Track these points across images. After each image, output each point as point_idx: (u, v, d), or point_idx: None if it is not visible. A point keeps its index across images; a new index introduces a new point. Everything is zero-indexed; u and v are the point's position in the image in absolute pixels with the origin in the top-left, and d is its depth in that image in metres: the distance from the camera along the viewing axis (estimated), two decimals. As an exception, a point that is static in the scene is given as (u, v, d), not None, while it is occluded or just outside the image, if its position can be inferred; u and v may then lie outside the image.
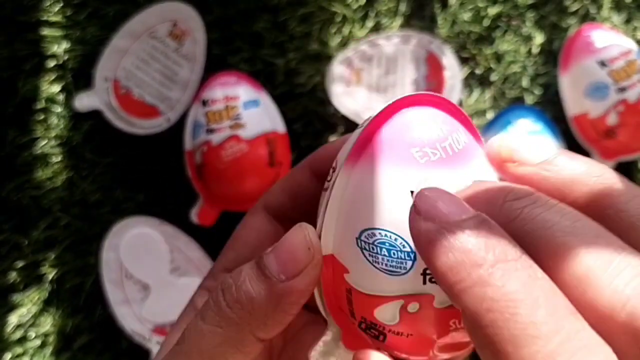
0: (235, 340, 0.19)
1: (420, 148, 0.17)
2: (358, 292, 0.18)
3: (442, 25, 0.53)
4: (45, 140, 0.53)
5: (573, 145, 0.51)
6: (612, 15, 0.53)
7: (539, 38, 0.53)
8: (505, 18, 0.54)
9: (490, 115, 0.53)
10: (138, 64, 0.52)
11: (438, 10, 0.53)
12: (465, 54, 0.53)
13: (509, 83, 0.53)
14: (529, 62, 0.53)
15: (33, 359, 0.52)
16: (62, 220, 0.52)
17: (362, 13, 0.53)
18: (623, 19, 0.54)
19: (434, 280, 0.17)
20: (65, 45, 0.53)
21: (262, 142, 0.49)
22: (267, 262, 0.19)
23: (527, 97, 0.53)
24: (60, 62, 0.53)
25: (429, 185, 0.16)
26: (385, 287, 0.18)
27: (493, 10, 0.53)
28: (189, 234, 0.51)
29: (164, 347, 0.22)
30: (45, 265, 0.52)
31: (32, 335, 0.52)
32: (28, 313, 0.52)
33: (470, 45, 0.53)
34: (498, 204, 0.15)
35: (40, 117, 0.53)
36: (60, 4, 0.53)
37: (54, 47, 0.53)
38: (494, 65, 0.53)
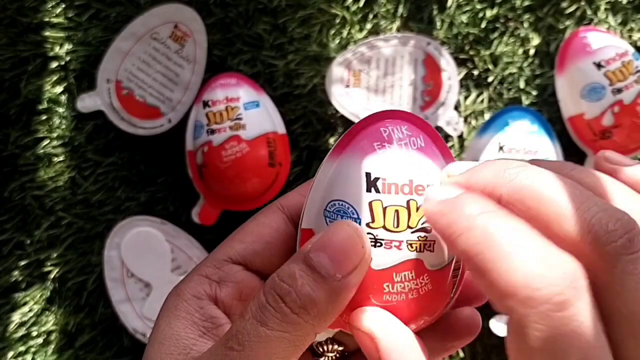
0: (299, 341, 0.20)
1: (381, 142, 0.22)
2: None
3: (439, 27, 0.54)
4: (48, 141, 0.53)
5: (569, 146, 0.51)
6: (608, 17, 0.54)
7: (536, 40, 0.54)
8: (503, 20, 0.54)
9: (488, 116, 0.53)
10: (140, 66, 0.52)
11: (436, 12, 0.54)
12: (463, 56, 0.54)
13: (506, 84, 0.54)
14: (526, 63, 0.54)
15: (35, 357, 0.52)
16: (64, 220, 0.53)
17: (361, 15, 0.54)
18: (619, 21, 0.54)
19: (372, 244, 0.21)
20: (68, 47, 0.53)
21: (262, 142, 0.50)
22: (320, 262, 0.20)
23: (523, 98, 0.54)
24: (63, 63, 0.53)
25: (380, 169, 0.21)
26: None
27: (490, 13, 0.54)
28: (190, 234, 0.52)
29: (155, 340, 0.22)
30: (48, 264, 0.53)
31: (34, 334, 0.52)
32: (30, 311, 0.53)
33: (468, 47, 0.54)
34: (502, 171, 0.20)
35: (43, 117, 0.53)
36: (63, 6, 0.54)
37: (57, 48, 0.53)
38: (491, 67, 0.54)
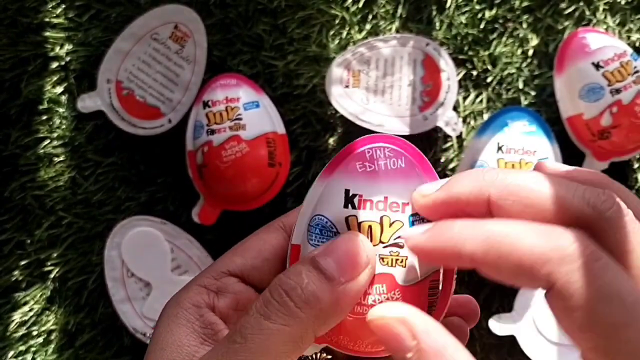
0: (299, 338, 0.20)
1: (362, 162, 0.23)
2: None
3: (439, 28, 0.54)
4: (48, 141, 0.54)
5: (568, 146, 0.52)
6: (606, 18, 0.54)
7: (535, 40, 0.54)
8: (501, 21, 0.54)
9: (486, 116, 0.53)
10: (140, 66, 0.52)
11: (435, 13, 0.54)
12: (462, 56, 0.54)
13: (505, 85, 0.54)
14: (525, 64, 0.54)
15: (35, 357, 0.52)
16: (64, 220, 0.53)
17: (360, 16, 0.54)
18: (617, 22, 0.54)
19: None
20: (68, 47, 0.54)
21: (262, 142, 0.50)
22: (325, 264, 0.21)
23: (522, 98, 0.54)
24: (63, 63, 0.54)
25: (358, 187, 0.23)
26: None
27: (489, 13, 0.54)
28: (190, 233, 0.52)
29: (157, 347, 0.22)
30: (48, 264, 0.53)
31: (34, 333, 0.53)
32: (31, 311, 0.53)
33: (467, 48, 0.54)
34: (481, 175, 0.21)
35: (43, 117, 0.54)
36: (63, 6, 0.54)
37: (57, 48, 0.54)
38: (490, 67, 0.54)
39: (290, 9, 0.54)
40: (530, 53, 0.54)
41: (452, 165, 0.53)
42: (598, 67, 0.50)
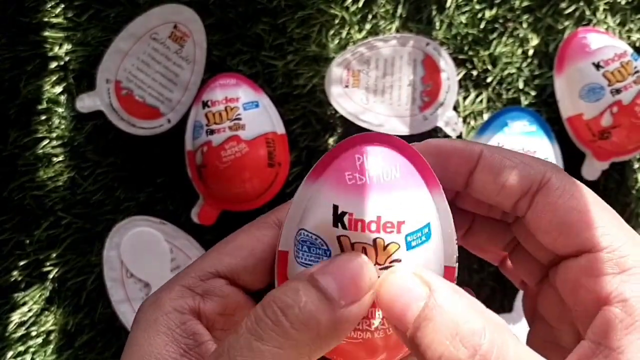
0: None
1: (352, 173, 0.21)
2: None
3: (439, 28, 0.54)
4: (47, 141, 0.53)
5: (568, 147, 0.52)
6: (607, 18, 0.54)
7: (535, 40, 0.54)
8: (502, 20, 0.54)
9: (486, 117, 0.53)
10: (139, 66, 0.52)
11: (435, 13, 0.54)
12: (462, 56, 0.54)
13: (505, 85, 0.54)
14: (525, 64, 0.54)
15: (35, 357, 0.52)
16: (63, 220, 0.53)
17: (360, 15, 0.54)
18: (618, 21, 0.54)
19: None
20: (67, 47, 0.54)
21: (261, 142, 0.50)
22: (326, 284, 0.19)
23: (522, 98, 0.54)
24: (62, 63, 0.54)
25: (347, 203, 0.20)
26: None
27: (489, 13, 0.54)
28: (190, 234, 0.52)
29: (133, 357, 0.21)
30: (47, 264, 0.53)
31: (33, 333, 0.53)
32: (30, 311, 0.53)
33: (467, 48, 0.54)
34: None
35: (42, 117, 0.53)
36: (62, 6, 0.54)
37: (56, 48, 0.53)
38: (490, 67, 0.54)
39: (290, 9, 0.54)
40: (531, 53, 0.54)
41: (452, 166, 0.53)
42: (598, 67, 0.50)
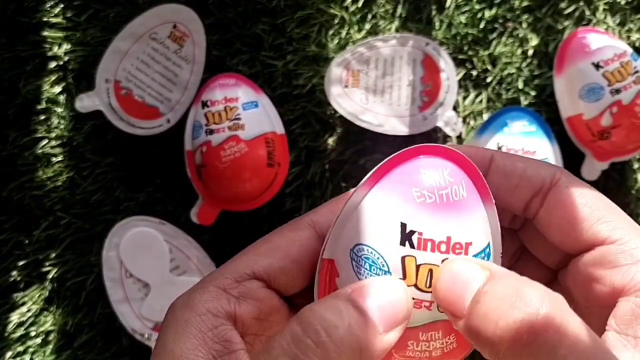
0: None
1: (420, 190, 0.20)
2: None
3: (438, 28, 0.54)
4: (47, 141, 0.53)
5: (568, 147, 0.51)
6: (606, 18, 0.54)
7: (534, 40, 0.54)
8: (501, 20, 0.54)
9: (486, 117, 0.53)
10: (138, 66, 0.52)
11: (434, 13, 0.54)
12: (462, 56, 0.54)
13: (505, 84, 0.54)
14: (525, 64, 0.54)
15: (34, 357, 0.52)
16: (63, 220, 0.53)
17: (359, 15, 0.54)
18: (617, 22, 0.54)
19: None
20: (67, 47, 0.53)
21: (261, 142, 0.50)
22: (369, 307, 0.18)
23: (522, 98, 0.54)
24: (62, 63, 0.54)
25: (417, 222, 0.20)
26: None
27: (489, 13, 0.54)
28: (189, 234, 0.52)
29: (160, 348, 0.20)
30: (46, 264, 0.53)
31: (33, 334, 0.52)
32: (29, 311, 0.53)
33: (467, 47, 0.54)
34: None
35: (42, 117, 0.53)
36: (62, 6, 0.54)
37: (55, 48, 0.53)
38: (490, 67, 0.54)
39: (290, 9, 0.54)
40: (530, 53, 0.54)
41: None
42: (598, 67, 0.50)
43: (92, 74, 0.52)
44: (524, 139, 0.50)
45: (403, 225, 0.20)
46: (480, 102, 0.54)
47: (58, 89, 0.54)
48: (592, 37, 0.51)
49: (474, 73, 0.54)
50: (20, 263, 0.53)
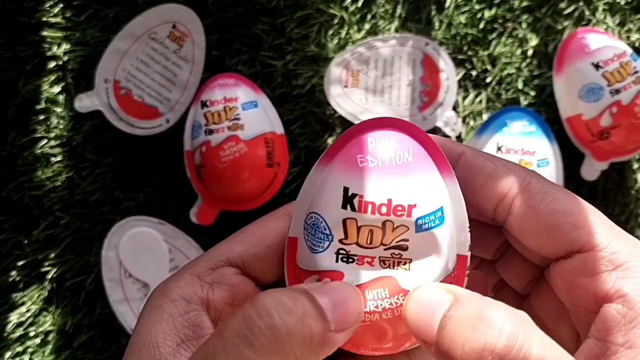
0: None
1: (364, 156, 0.21)
2: (298, 267, 0.22)
3: (438, 28, 0.54)
4: (46, 141, 0.53)
5: (567, 147, 0.51)
6: (606, 18, 0.54)
7: (534, 40, 0.54)
8: (501, 21, 0.54)
9: (486, 117, 0.53)
10: (138, 66, 0.52)
11: (434, 13, 0.54)
12: (461, 56, 0.54)
13: (504, 85, 0.54)
14: (524, 64, 0.54)
15: (33, 357, 0.52)
16: (62, 220, 0.53)
17: (359, 15, 0.54)
18: (617, 22, 0.54)
19: (345, 260, 0.21)
20: (66, 47, 0.53)
21: (260, 142, 0.50)
22: (323, 303, 0.18)
23: (522, 98, 0.54)
24: (61, 63, 0.53)
25: (358, 186, 0.20)
26: (310, 262, 0.21)
27: (488, 13, 0.54)
28: (188, 234, 0.52)
29: (134, 348, 0.20)
30: (46, 264, 0.53)
31: (32, 334, 0.52)
32: (28, 311, 0.53)
33: (466, 48, 0.54)
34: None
35: (41, 117, 0.53)
36: (61, 6, 0.54)
37: (55, 48, 0.53)
38: (490, 67, 0.54)
39: (289, 9, 0.54)
40: (530, 53, 0.54)
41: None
42: (598, 67, 0.50)
43: (91, 74, 0.52)
44: (524, 139, 0.50)
45: (345, 190, 0.20)
46: (480, 102, 0.54)
47: (57, 89, 0.54)
48: (591, 37, 0.51)
49: (474, 73, 0.54)
50: (20, 263, 0.53)
